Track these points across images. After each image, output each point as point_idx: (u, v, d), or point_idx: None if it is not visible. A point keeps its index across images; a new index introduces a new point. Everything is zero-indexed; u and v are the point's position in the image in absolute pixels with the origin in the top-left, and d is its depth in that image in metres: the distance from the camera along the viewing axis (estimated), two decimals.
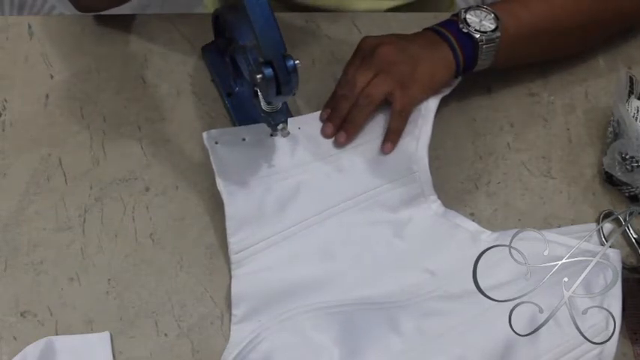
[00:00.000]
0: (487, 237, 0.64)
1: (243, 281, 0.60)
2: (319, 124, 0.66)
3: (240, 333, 0.58)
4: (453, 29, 0.66)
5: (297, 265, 0.61)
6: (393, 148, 0.65)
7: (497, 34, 0.65)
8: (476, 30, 0.65)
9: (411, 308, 0.59)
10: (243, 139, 0.64)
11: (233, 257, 0.61)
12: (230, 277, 0.61)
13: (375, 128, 0.66)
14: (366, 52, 0.66)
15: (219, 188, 0.61)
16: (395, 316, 0.59)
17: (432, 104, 0.67)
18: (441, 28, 0.67)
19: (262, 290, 0.60)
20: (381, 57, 0.65)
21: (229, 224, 0.61)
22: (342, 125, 0.65)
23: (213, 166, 0.62)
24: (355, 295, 0.60)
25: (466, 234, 0.64)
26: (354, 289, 0.61)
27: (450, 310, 0.59)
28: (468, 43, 0.66)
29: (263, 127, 0.64)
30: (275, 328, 0.58)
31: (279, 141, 0.64)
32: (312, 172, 0.64)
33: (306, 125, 0.66)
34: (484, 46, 0.65)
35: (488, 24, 0.66)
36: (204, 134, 0.63)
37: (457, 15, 0.66)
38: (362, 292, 0.60)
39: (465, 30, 0.65)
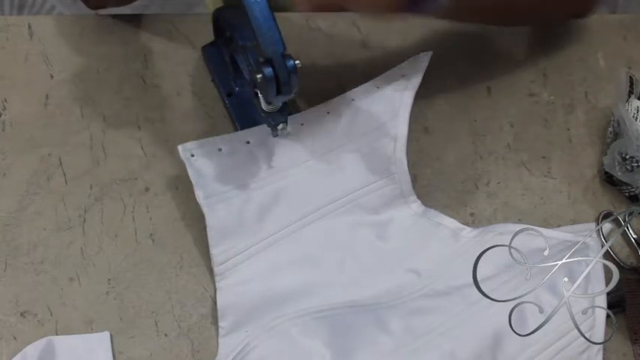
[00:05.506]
0: (467, 233, 0.64)
1: (228, 293, 0.60)
2: (298, 127, 0.65)
3: (228, 346, 0.58)
4: None
5: (282, 274, 0.61)
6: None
7: None
8: None
9: (398, 308, 0.59)
10: (220, 150, 0.63)
11: (216, 269, 0.60)
12: None
13: (350, 130, 0.66)
14: None
15: (198, 201, 0.61)
16: (383, 317, 0.59)
17: (407, 101, 0.66)
18: None
19: (248, 301, 0.60)
20: None
21: (211, 236, 0.61)
22: None
23: (191, 179, 0.61)
24: (341, 299, 0.60)
25: (447, 231, 0.64)
26: (340, 294, 0.60)
27: (437, 307, 0.59)
28: None
29: (238, 136, 0.64)
30: (263, 337, 0.57)
31: (255, 149, 0.64)
32: (290, 178, 0.63)
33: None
34: None
35: None
36: (180, 147, 0.62)
37: None
38: (348, 296, 0.60)
39: None
